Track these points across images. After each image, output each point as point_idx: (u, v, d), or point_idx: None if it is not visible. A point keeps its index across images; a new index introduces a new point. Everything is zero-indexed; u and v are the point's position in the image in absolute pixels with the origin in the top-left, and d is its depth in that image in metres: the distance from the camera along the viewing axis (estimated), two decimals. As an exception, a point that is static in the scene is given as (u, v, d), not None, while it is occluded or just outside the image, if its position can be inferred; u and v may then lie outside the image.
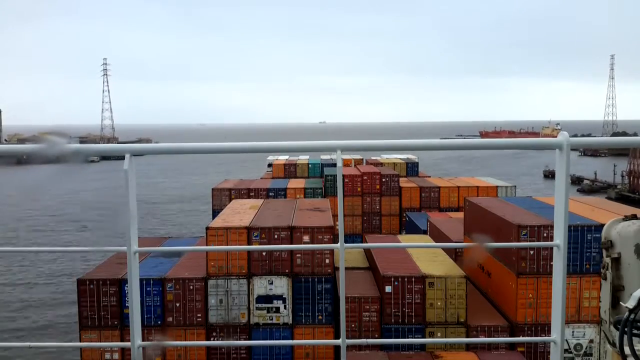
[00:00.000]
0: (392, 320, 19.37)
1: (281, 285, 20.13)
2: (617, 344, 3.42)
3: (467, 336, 19.13)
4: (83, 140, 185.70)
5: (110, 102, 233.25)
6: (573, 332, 19.63)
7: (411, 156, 56.63)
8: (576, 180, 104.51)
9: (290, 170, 49.55)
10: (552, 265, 3.90)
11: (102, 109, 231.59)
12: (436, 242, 26.87)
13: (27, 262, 52.78)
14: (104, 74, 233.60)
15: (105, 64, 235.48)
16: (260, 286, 20.14)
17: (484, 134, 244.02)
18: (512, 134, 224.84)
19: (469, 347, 18.49)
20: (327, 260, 20.39)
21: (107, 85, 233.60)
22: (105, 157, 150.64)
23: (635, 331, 3.41)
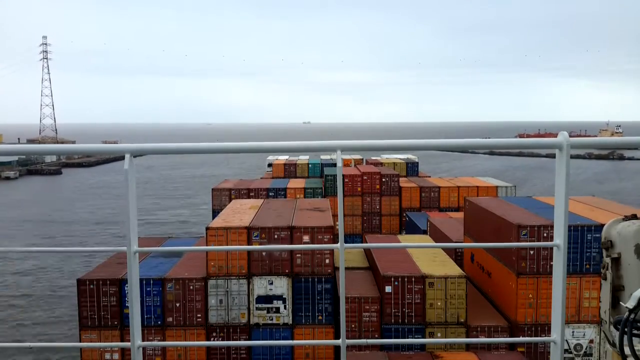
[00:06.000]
0: (392, 320, 19.37)
1: (281, 286, 20.13)
2: (617, 344, 3.42)
3: (467, 336, 19.13)
4: (33, 143, 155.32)
5: (51, 96, 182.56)
6: (573, 332, 19.64)
7: (411, 156, 56.80)
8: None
9: (290, 170, 49.68)
10: (552, 265, 3.91)
11: (42, 104, 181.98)
12: (436, 242, 26.88)
13: (27, 261, 52.76)
14: (44, 58, 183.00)
15: (45, 44, 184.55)
16: (260, 286, 20.14)
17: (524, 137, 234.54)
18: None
19: (469, 347, 18.50)
20: (327, 260, 20.39)
21: (48, 74, 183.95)
22: (36, 171, 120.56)
23: (635, 331, 3.40)
